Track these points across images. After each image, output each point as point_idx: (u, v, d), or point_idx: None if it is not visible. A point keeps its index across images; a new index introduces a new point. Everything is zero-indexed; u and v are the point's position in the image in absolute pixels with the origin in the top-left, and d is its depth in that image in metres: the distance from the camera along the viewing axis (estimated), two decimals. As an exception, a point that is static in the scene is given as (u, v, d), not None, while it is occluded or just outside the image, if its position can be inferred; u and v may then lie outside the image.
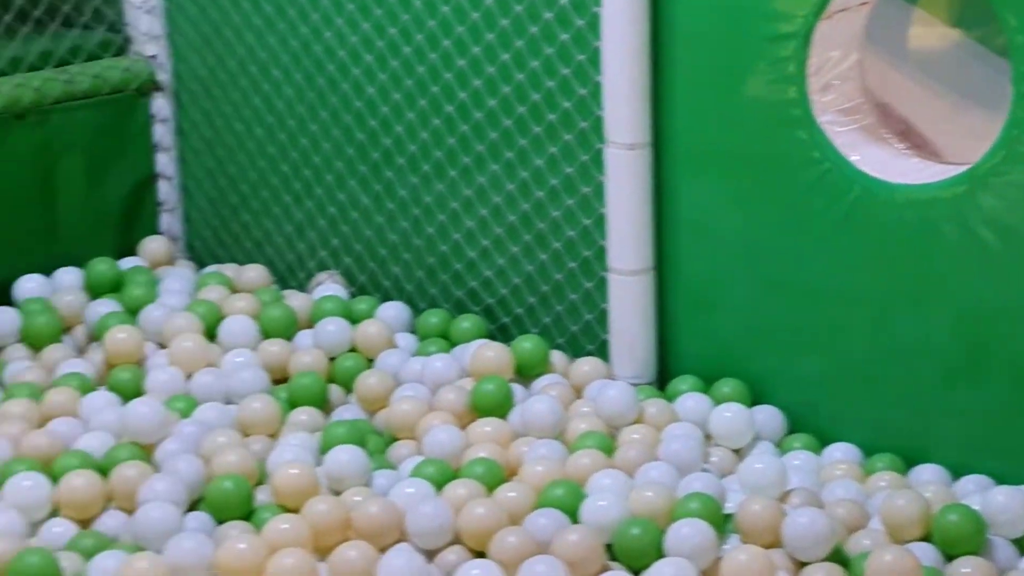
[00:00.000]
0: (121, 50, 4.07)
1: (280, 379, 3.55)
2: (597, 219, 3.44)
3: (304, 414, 3.36)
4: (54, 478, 3.03)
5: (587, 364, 3.47)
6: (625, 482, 2.97)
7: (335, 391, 3.50)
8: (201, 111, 4.09)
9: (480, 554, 2.82)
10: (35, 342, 3.65)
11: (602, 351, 3.49)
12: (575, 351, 3.55)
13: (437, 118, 3.67)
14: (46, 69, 3.89)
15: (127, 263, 3.97)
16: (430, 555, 2.83)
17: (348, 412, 3.43)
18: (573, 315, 3.56)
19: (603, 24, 3.27)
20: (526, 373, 3.47)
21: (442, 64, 3.62)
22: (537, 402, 3.27)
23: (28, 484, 3.00)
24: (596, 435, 3.16)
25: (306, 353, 3.58)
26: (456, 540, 2.86)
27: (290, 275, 4.03)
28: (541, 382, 3.45)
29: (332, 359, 3.58)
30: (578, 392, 3.41)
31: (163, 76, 4.08)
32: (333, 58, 3.81)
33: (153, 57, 4.07)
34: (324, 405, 3.44)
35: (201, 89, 4.08)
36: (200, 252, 4.19)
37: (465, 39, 3.56)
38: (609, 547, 2.83)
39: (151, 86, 4.07)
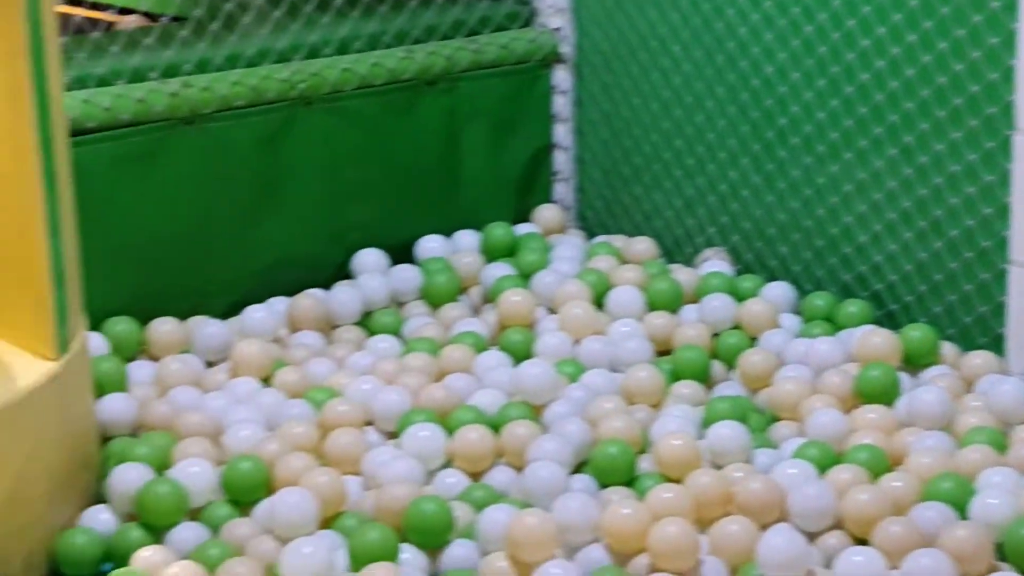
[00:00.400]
0: (527, 22, 4.19)
1: (664, 351, 3.61)
2: (1000, 209, 3.36)
3: (687, 387, 3.42)
4: (449, 430, 3.18)
5: (979, 357, 3.40)
6: (1017, 480, 2.91)
7: (717, 367, 3.54)
8: (600, 84, 4.18)
9: (861, 541, 2.81)
10: (434, 300, 3.82)
11: (996, 345, 3.41)
12: (966, 343, 3.48)
13: (835, 99, 3.65)
14: (456, 38, 4.04)
15: (522, 229, 4.10)
16: (811, 537, 2.84)
17: (730, 388, 3.47)
18: (966, 306, 3.49)
19: (1021, 6, 3.19)
20: (914, 362, 3.43)
21: (844, 44, 3.60)
22: (925, 392, 3.22)
23: (425, 434, 3.15)
24: (987, 430, 3.10)
25: (691, 327, 3.63)
26: (838, 525, 2.86)
27: (676, 249, 4.08)
28: (929, 372, 3.40)
29: (715, 335, 3.62)
30: (968, 385, 3.35)
31: (566, 48, 4.19)
32: (734, 35, 3.83)
33: (558, 30, 4.17)
34: (706, 379, 3.48)
35: (602, 62, 4.16)
36: (591, 222, 4.29)
37: (870, 19, 3.52)
38: (999, 546, 2.77)
39: (554, 58, 4.18)
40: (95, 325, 3.38)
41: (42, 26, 2.78)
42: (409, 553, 2.84)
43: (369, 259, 3.89)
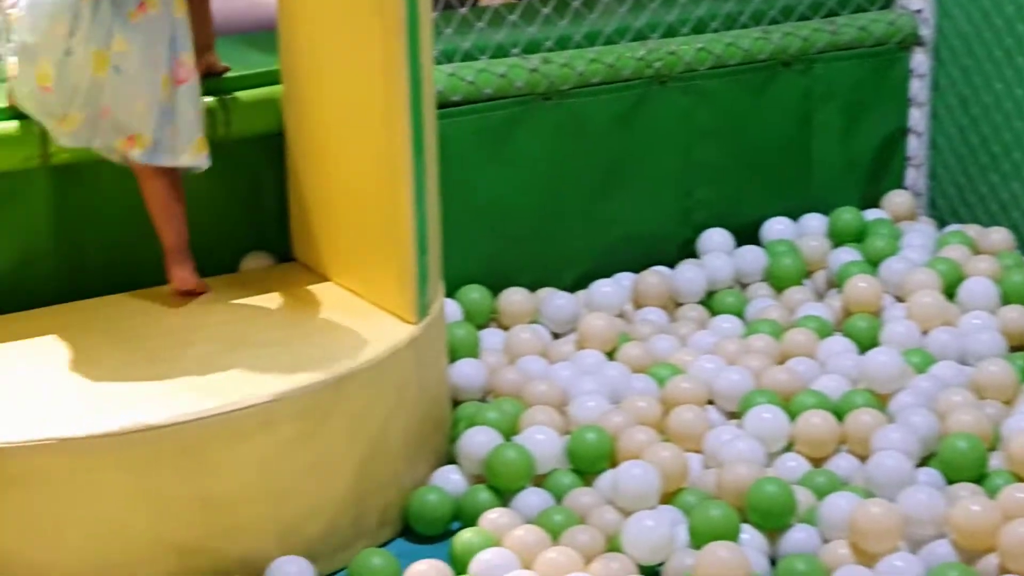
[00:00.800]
0: (888, 3, 4.13)
1: (1017, 346, 3.52)
2: None
3: (1043, 385, 3.32)
4: (791, 414, 3.18)
5: None
6: None
7: (1074, 366, 3.43)
8: (960, 68, 4.09)
9: None
10: (779, 283, 3.82)
11: None
12: None
13: None
14: (814, 19, 4.01)
15: (871, 214, 4.05)
16: None
17: (1087, 390, 3.35)
18: None
19: None
20: None
21: None
22: None
23: (768, 416, 3.16)
24: None
25: (1047, 323, 3.53)
26: None
27: (1034, 242, 3.97)
28: None
29: (1074, 333, 3.51)
30: None
31: (925, 31, 4.11)
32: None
33: (919, 11, 4.10)
34: (1061, 380, 3.38)
35: (962, 45, 4.07)
36: (942, 210, 4.20)
37: None
38: None
39: (913, 40, 4.11)
40: (450, 292, 3.50)
41: (418, 3, 2.90)
42: (749, 534, 2.86)
43: (715, 239, 3.91)
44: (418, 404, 3.04)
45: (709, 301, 3.78)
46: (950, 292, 3.68)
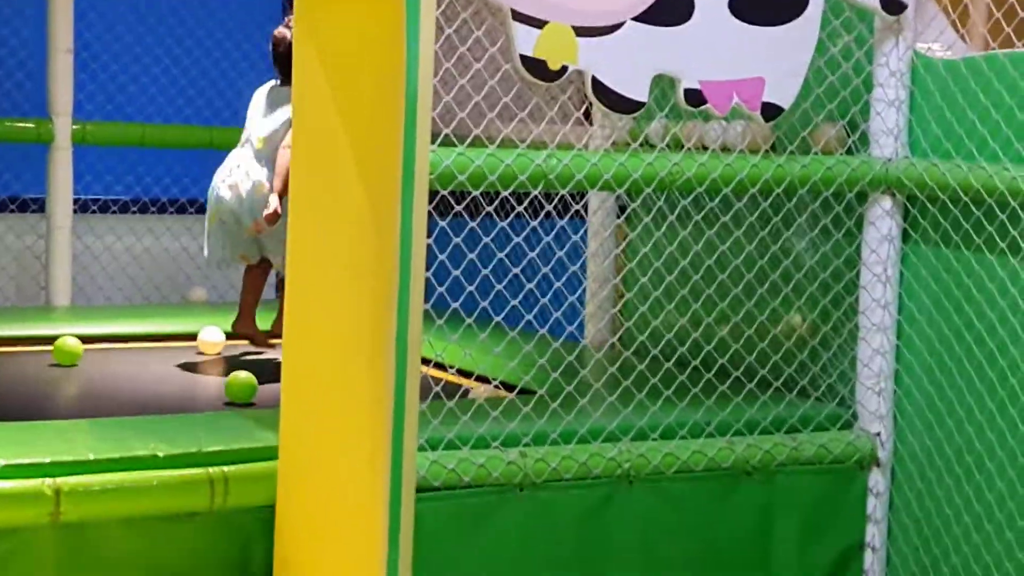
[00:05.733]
0: (847, 425, 4.65)
1: None
2: None
3: None
4: None
5: None
6: None
7: None
8: (915, 490, 4.57)
9: None
10: None
11: None
12: None
13: None
14: (777, 434, 4.52)
15: (824, 623, 4.47)
16: None
17: None
18: None
19: None
20: None
21: None
22: None
23: None
24: None
25: None
26: None
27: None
28: None
29: None
30: None
31: (883, 453, 4.61)
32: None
33: (877, 435, 4.61)
34: None
35: (917, 469, 4.56)
36: (897, 625, 4.62)
37: None
38: None
39: (871, 460, 4.61)
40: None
41: (405, 397, 3.42)
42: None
43: (673, 635, 4.32)
44: None
45: None
46: None
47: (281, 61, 5.50)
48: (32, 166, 7.20)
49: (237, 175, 5.50)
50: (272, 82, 5.67)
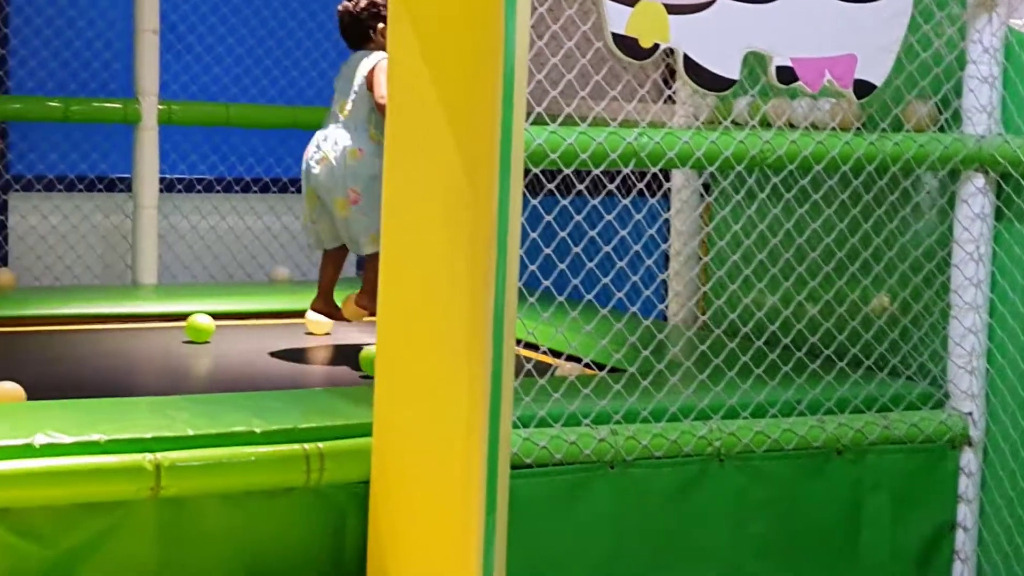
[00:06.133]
0: (939, 404, 4.63)
1: None
2: None
3: None
4: None
5: None
6: None
7: None
8: (1007, 469, 4.56)
9: None
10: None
11: None
12: None
13: None
14: (868, 413, 4.51)
15: (915, 595, 4.47)
16: None
17: None
18: None
19: None
20: None
21: None
22: None
23: None
24: None
25: None
26: None
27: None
28: None
29: None
30: None
31: (975, 432, 4.60)
32: None
33: (969, 414, 4.60)
34: None
35: (1010, 448, 4.55)
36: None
37: None
38: None
39: (963, 440, 4.60)
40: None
41: (502, 375, 3.45)
42: None
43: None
44: None
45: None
46: None
47: (346, 33, 5.66)
48: (118, 146, 7.29)
49: (326, 147, 5.51)
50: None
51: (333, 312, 5.75)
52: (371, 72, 5.49)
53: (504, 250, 3.40)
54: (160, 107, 7.05)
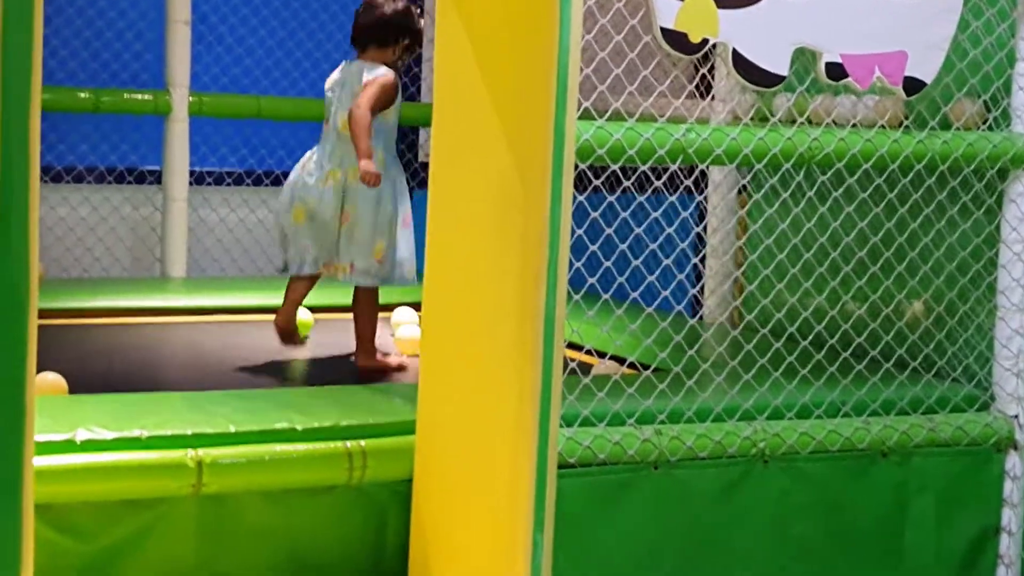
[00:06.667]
0: (984, 406, 4.58)
1: None
2: None
3: None
4: None
5: None
6: None
7: None
8: (1053, 473, 4.51)
9: None
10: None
11: None
12: None
13: None
14: (913, 415, 4.46)
15: (961, 607, 4.42)
16: None
17: None
18: None
19: None
20: None
21: None
22: None
23: None
24: None
25: None
26: None
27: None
28: None
29: None
30: None
31: (1021, 436, 4.54)
32: None
33: (1015, 417, 4.54)
34: None
35: (1058, 453, 4.51)
36: (1032, 609, 4.56)
37: None
38: None
39: (1008, 443, 4.54)
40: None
41: (552, 376, 3.40)
42: None
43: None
44: None
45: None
46: None
47: (362, 33, 5.28)
48: (148, 138, 7.25)
49: (329, 166, 5.18)
50: (343, 64, 5.37)
51: (293, 335, 5.39)
52: (370, 82, 5.14)
53: (556, 250, 3.35)
54: (191, 99, 7.02)
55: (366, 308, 5.21)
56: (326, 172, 5.20)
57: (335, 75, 5.34)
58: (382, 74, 5.19)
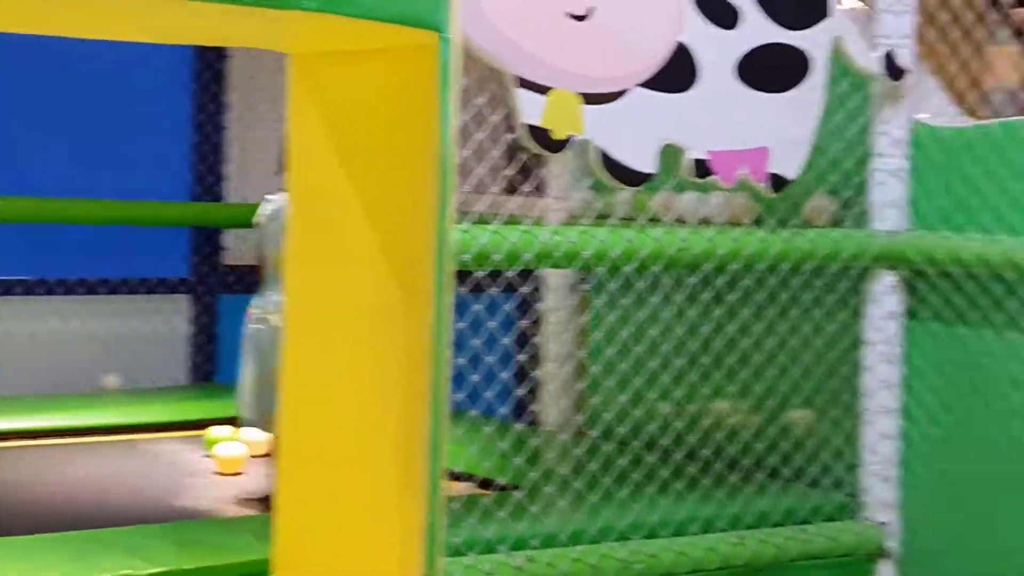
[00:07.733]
0: (854, 514, 4.38)
1: None
2: None
3: None
4: None
5: None
6: None
7: None
8: (925, 582, 4.33)
9: None
10: None
11: None
12: None
13: None
14: (787, 526, 4.24)
15: None
16: None
17: None
18: None
19: None
20: None
21: None
22: None
23: None
24: None
25: None
26: None
27: None
28: None
29: None
30: None
31: (891, 543, 4.35)
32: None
33: (884, 524, 4.35)
34: None
35: (928, 560, 4.31)
36: None
37: None
38: None
39: (878, 552, 4.35)
40: None
41: (437, 506, 3.06)
42: None
43: None
44: None
45: None
46: None
47: None
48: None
49: (269, 307, 4.44)
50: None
51: None
52: None
53: (439, 365, 3.03)
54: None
55: None
56: (266, 314, 4.48)
57: (272, 208, 4.52)
58: None
